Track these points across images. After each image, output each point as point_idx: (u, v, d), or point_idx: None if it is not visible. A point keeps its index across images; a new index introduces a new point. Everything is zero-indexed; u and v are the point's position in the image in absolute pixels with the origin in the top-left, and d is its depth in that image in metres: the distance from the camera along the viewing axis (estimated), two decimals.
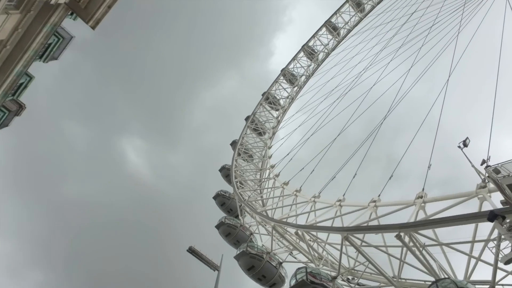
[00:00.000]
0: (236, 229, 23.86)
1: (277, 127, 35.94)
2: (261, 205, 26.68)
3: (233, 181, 27.39)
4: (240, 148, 32.24)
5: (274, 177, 27.17)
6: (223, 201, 28.32)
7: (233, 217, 25.66)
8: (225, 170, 32.58)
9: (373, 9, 38.04)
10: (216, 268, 40.44)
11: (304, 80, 40.16)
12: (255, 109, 37.84)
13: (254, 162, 32.67)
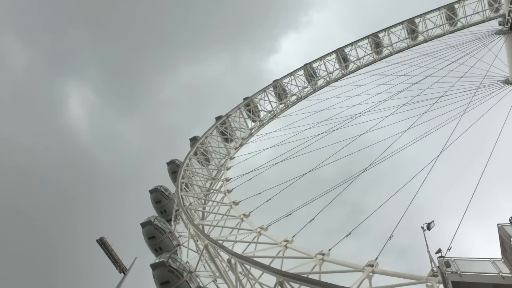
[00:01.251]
0: (164, 234, 23.31)
1: (247, 139, 36.08)
2: (199, 218, 26.35)
3: (179, 180, 26.90)
4: (199, 147, 31.90)
5: (225, 192, 27.00)
6: (159, 198, 27.67)
7: (165, 220, 25.10)
8: (173, 165, 32.03)
9: (390, 56, 40.04)
10: (123, 271, 38.85)
11: (294, 100, 40.93)
12: (231, 111, 37.83)
13: (209, 168, 32.41)
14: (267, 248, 20.44)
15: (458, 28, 39.18)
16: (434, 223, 22.04)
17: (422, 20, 40.01)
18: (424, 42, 39.58)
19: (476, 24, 37.93)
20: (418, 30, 40.21)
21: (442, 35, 39.13)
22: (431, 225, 21.98)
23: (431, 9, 39.95)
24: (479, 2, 38.75)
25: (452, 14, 39.19)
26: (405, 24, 40.31)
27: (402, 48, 40.65)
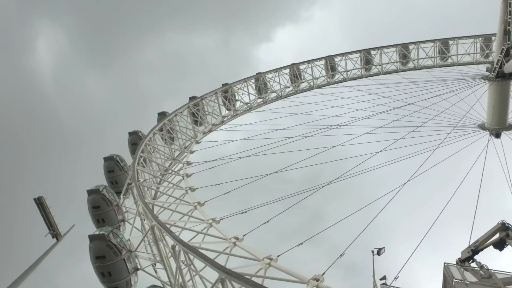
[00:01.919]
0: (110, 206, 22.52)
1: (218, 126, 35.61)
2: (151, 196, 25.69)
3: (138, 154, 26.08)
4: (166, 124, 31.09)
5: (184, 176, 26.47)
6: (113, 168, 26.72)
7: (114, 192, 24.25)
8: (135, 136, 31.09)
9: (377, 76, 40.90)
10: (57, 236, 37.20)
11: (273, 98, 40.88)
12: (207, 94, 37.18)
13: (171, 148, 31.69)
14: (215, 242, 20.19)
15: (448, 64, 40.74)
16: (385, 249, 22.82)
17: (416, 47, 41.20)
18: (413, 70, 40.80)
19: (465, 65, 39.60)
20: (409, 56, 41.38)
21: (432, 67, 40.51)
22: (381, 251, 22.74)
23: (427, 40, 41.23)
24: (472, 44, 40.48)
25: (445, 48, 40.67)
26: (399, 48, 41.34)
27: (390, 70, 41.67)
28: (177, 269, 18.10)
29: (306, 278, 16.85)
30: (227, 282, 15.34)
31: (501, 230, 17.31)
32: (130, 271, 19.23)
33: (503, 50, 29.03)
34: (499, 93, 29.51)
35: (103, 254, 18.56)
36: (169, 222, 21.16)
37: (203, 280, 17.11)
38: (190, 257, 17.38)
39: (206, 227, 21.27)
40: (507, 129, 28.77)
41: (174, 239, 17.82)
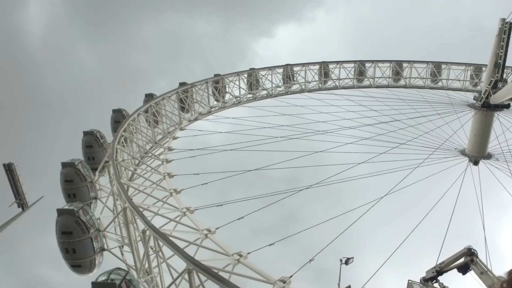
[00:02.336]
0: (83, 182, 21.94)
1: (205, 115, 35.24)
2: (127, 177, 25.19)
3: (120, 132, 25.50)
4: (153, 106, 30.54)
5: (164, 161, 26.06)
6: (92, 143, 26.08)
7: (90, 168, 23.65)
8: (119, 114, 30.44)
9: (368, 88, 41.33)
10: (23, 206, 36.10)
11: (263, 95, 40.78)
12: (198, 82, 36.74)
13: (154, 131, 31.16)
14: (187, 232, 19.99)
15: (437, 86, 41.56)
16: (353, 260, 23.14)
17: (410, 66, 41.83)
18: (404, 87, 41.42)
19: (454, 90, 40.49)
20: (402, 74, 41.98)
21: (422, 88, 41.23)
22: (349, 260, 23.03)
23: (421, 60, 41.93)
24: (463, 72, 41.42)
25: (437, 71, 41.45)
26: (393, 64, 41.86)
27: (382, 84, 42.18)
28: (145, 255, 17.80)
29: (273, 278, 16.84)
30: (194, 274, 15.17)
31: (466, 255, 17.82)
32: (96, 251, 18.79)
33: (492, 82, 29.77)
34: (482, 122, 30.24)
35: (70, 230, 18.06)
36: (143, 205, 20.77)
37: (170, 269, 16.85)
38: (159, 243, 17.09)
39: (180, 215, 20.98)
40: (486, 158, 29.55)
41: (145, 223, 17.49)
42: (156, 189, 23.21)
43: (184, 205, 21.60)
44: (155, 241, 17.09)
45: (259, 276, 17.12)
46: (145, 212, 19.70)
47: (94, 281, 14.15)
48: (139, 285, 15.26)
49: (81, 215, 18.32)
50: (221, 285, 15.23)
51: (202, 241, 19.19)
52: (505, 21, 29.64)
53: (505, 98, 28.81)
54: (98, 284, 13.96)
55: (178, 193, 22.69)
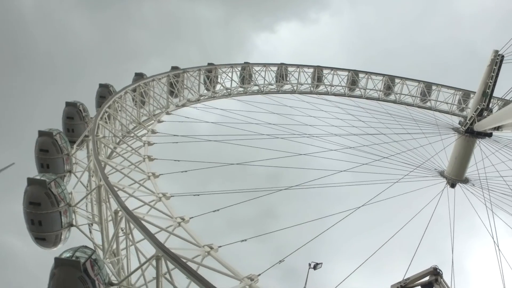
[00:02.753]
0: (60, 153, 21.20)
1: (193, 103, 34.74)
2: (105, 155, 24.56)
3: (104, 108, 24.82)
4: (142, 86, 29.86)
5: (146, 143, 25.53)
6: (73, 115, 25.25)
7: (68, 139, 22.89)
8: (105, 89, 29.66)
9: (358, 98, 41.65)
10: None
11: (254, 91, 40.55)
12: (190, 68, 36.21)
13: (140, 111, 30.50)
14: (160, 218, 19.61)
15: (425, 106, 42.21)
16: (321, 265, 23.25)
17: (402, 82, 42.33)
18: (393, 102, 41.89)
19: (441, 112, 41.23)
20: (393, 89, 42.43)
21: (410, 105, 41.80)
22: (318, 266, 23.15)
23: (413, 78, 42.50)
24: (452, 95, 42.20)
25: (427, 91, 42.08)
26: (386, 78, 42.26)
27: (372, 97, 42.55)
28: (114, 236, 17.33)
29: (241, 275, 16.69)
30: (162, 261, 14.83)
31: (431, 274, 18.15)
32: (64, 225, 18.18)
33: (478, 109, 30.35)
34: (464, 147, 30.81)
35: (38, 201, 17.38)
36: (118, 185, 20.26)
37: (138, 253, 16.44)
38: (130, 226, 16.63)
39: (155, 200, 20.59)
40: (463, 182, 30.15)
41: (119, 204, 17.00)
42: (134, 170, 22.68)
43: (160, 191, 21.22)
44: (127, 223, 16.64)
45: (228, 271, 16.95)
46: (120, 193, 19.18)
47: (58, 257, 13.63)
48: (104, 266, 14.80)
49: (53, 187, 17.65)
50: (188, 275, 14.95)
51: (174, 228, 18.86)
52: (497, 53, 30.34)
53: (489, 127, 29.42)
54: (62, 260, 13.45)
55: (156, 177, 22.26)
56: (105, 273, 14.63)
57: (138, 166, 22.94)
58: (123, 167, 22.42)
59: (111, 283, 15.16)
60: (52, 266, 13.50)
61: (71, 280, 13.34)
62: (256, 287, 16.37)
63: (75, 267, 13.37)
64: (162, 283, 15.04)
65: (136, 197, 19.93)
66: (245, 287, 16.12)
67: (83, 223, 19.51)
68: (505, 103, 36.78)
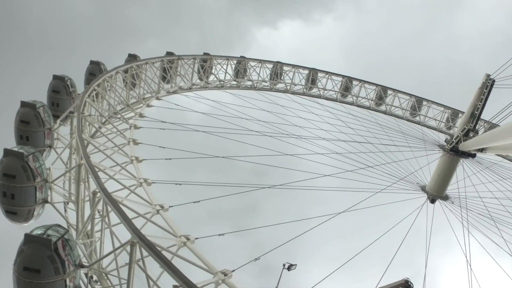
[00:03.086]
0: (41, 127, 20.52)
1: (184, 91, 34.23)
2: (89, 133, 23.92)
3: (93, 86, 24.15)
4: (134, 68, 29.22)
5: (132, 126, 24.98)
6: (60, 89, 24.53)
7: (52, 114, 22.20)
8: (96, 67, 28.92)
9: (350, 105, 41.80)
10: None
11: (247, 86, 40.25)
12: (186, 55, 35.68)
13: (130, 93, 29.85)
14: (139, 203, 19.21)
15: (414, 120, 42.66)
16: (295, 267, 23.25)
17: (394, 94, 42.64)
18: (383, 113, 42.20)
19: (429, 128, 41.75)
20: (385, 100, 42.73)
21: (400, 117, 42.17)
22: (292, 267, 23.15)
23: (405, 91, 42.89)
24: (441, 113, 42.77)
25: (418, 106, 42.53)
26: (379, 88, 42.51)
27: (363, 105, 42.75)
28: (90, 217, 16.87)
29: (215, 269, 16.50)
30: (137, 247, 14.49)
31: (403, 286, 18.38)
32: (38, 201, 17.60)
33: (465, 129, 30.81)
34: (447, 165, 31.23)
35: (13, 174, 16.75)
36: (99, 166, 19.75)
37: (113, 237, 16.05)
38: (108, 208, 16.22)
39: (135, 185, 20.15)
40: (443, 198, 30.59)
41: (98, 185, 16.54)
42: (117, 152, 22.16)
43: (142, 176, 20.78)
44: (104, 205, 16.22)
45: (202, 264, 16.73)
46: (100, 174, 18.67)
47: (28, 233, 13.15)
48: (76, 247, 14.37)
49: (30, 161, 17.04)
50: (162, 264, 14.66)
51: (152, 216, 18.50)
52: (489, 77, 30.85)
53: (473, 148, 29.87)
54: (32, 237, 12.98)
55: (139, 162, 21.79)
56: (76, 254, 14.22)
57: (122, 148, 22.42)
58: (106, 148, 21.86)
59: (82, 265, 14.75)
60: (21, 242, 13.02)
61: (40, 259, 12.91)
62: (230, 282, 16.19)
63: (45, 245, 12.93)
64: (134, 270, 14.71)
65: (117, 179, 19.44)
66: (218, 281, 15.91)
67: (59, 201, 18.93)
68: (491, 126, 37.49)
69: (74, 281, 14.13)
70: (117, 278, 16.08)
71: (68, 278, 13.64)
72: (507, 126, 24.78)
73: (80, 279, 14.90)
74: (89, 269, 15.41)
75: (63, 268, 13.29)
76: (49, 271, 12.96)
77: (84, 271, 15.35)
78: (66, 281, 13.57)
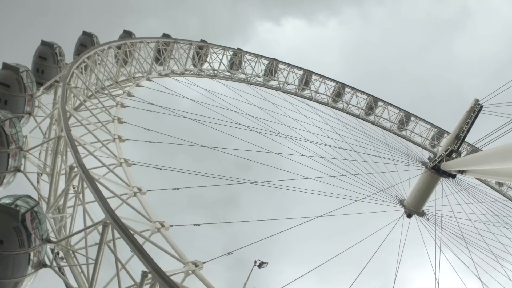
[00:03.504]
0: (22, 92, 19.62)
1: (176, 75, 33.54)
2: (73, 105, 23.09)
3: (84, 57, 23.31)
4: (128, 45, 28.41)
5: (119, 104, 24.27)
6: (47, 56, 23.60)
7: (36, 81, 21.29)
8: (88, 38, 27.99)
9: (339, 111, 41.88)
10: None
11: (240, 79, 39.83)
12: (182, 40, 34.95)
13: (120, 70, 29.02)
14: (116, 184, 18.64)
15: (400, 134, 43.10)
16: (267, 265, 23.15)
17: (384, 106, 42.95)
18: (371, 123, 42.48)
19: (414, 143, 42.27)
20: (374, 111, 42.99)
21: (387, 130, 42.53)
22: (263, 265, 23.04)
23: (396, 105, 43.29)
24: (427, 130, 43.35)
25: (406, 120, 42.98)
26: (370, 98, 42.73)
27: (353, 112, 42.93)
28: (64, 192, 16.22)
29: (187, 259, 16.18)
30: (110, 228, 13.98)
31: None
32: (9, 168, 16.80)
33: (448, 150, 31.26)
34: (427, 182, 31.63)
35: None
36: (80, 140, 19.06)
37: (86, 215, 15.48)
38: (84, 185, 15.61)
39: (115, 164, 19.55)
40: (419, 214, 30.99)
41: (76, 160, 15.88)
42: (100, 129, 21.46)
43: (123, 156, 20.18)
44: (80, 181, 15.60)
45: (174, 252, 16.36)
46: (80, 148, 17.96)
47: None
48: (46, 221, 13.76)
49: (6, 126, 16.21)
50: (133, 248, 14.17)
51: (129, 197, 18.00)
52: (477, 102, 31.38)
53: (454, 169, 30.31)
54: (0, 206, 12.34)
55: (122, 141, 21.19)
56: (44, 228, 13.62)
57: (106, 125, 21.74)
58: (89, 123, 21.12)
59: (49, 240, 14.15)
60: None
61: (5, 229, 12.27)
62: (199, 274, 15.90)
63: (12, 215, 12.29)
64: (104, 251, 14.21)
65: (96, 156, 18.80)
66: (188, 271, 15.60)
67: (32, 171, 18.16)
68: (473, 150, 38.17)
69: (38, 256, 13.53)
70: (84, 257, 15.55)
71: (33, 252, 13.05)
72: (488, 152, 25.18)
73: (46, 255, 14.29)
74: (56, 245, 14.81)
75: (29, 242, 12.69)
76: (13, 243, 12.34)
77: (51, 246, 14.75)
78: (30, 255, 12.97)
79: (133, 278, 13.79)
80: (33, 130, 19.64)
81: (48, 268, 14.31)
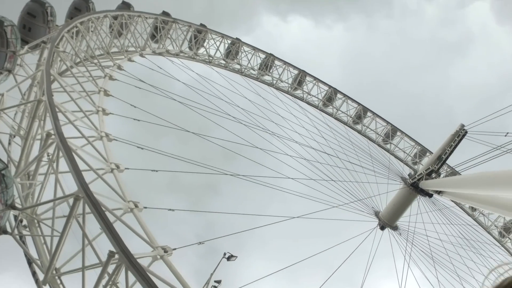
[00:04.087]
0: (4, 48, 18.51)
1: (171, 55, 32.64)
2: (58, 70, 22.06)
3: (76, 22, 22.26)
4: (125, 17, 27.36)
5: (107, 76, 23.34)
6: (37, 14, 22.44)
7: (21, 38, 20.16)
8: (83, 3, 26.88)
9: (329, 116, 41.81)
10: None
11: (234, 69, 39.18)
12: (181, 21, 34.04)
13: (114, 41, 27.97)
14: (93, 157, 17.85)
15: (385, 147, 43.40)
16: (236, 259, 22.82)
17: (372, 117, 43.11)
18: (358, 132, 42.60)
19: (396, 158, 42.62)
20: (363, 120, 43.11)
21: (372, 141, 42.72)
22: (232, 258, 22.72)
23: (384, 118, 43.50)
24: (411, 147, 43.80)
25: (392, 134, 43.28)
26: (360, 108, 42.81)
27: (341, 119, 42.91)
28: (37, 158, 15.40)
29: (157, 243, 15.66)
30: (81, 203, 13.33)
31: None
32: None
33: (429, 169, 31.58)
34: (404, 198, 31.91)
35: None
36: (60, 107, 18.15)
37: (57, 186, 14.73)
38: (59, 154, 14.84)
39: (95, 137, 18.75)
40: (393, 228, 31.27)
41: (55, 127, 15.08)
42: (84, 98, 20.54)
43: (105, 130, 19.39)
44: (56, 149, 14.82)
45: (144, 235, 15.81)
46: (59, 115, 17.12)
47: None
48: (13, 186, 12.99)
49: None
50: (102, 225, 13.57)
51: (105, 173, 17.28)
52: (463, 127, 31.80)
53: (432, 188, 30.64)
54: None
55: (106, 114, 20.36)
56: (10, 194, 12.86)
57: (91, 96, 20.83)
58: (73, 91, 20.17)
59: (14, 206, 13.39)
60: None
61: None
62: (167, 260, 15.42)
63: None
64: (71, 225, 13.55)
65: (76, 126, 17.96)
66: (156, 256, 15.10)
67: (4, 132, 17.20)
68: (452, 172, 38.78)
69: (0, 221, 12.78)
70: (49, 228, 14.83)
71: None
72: (466, 177, 25.57)
73: (8, 221, 13.52)
74: (20, 212, 14.04)
75: None
76: None
77: (15, 213, 13.98)
78: None
79: (99, 256, 13.22)
80: (12, 89, 18.60)
81: (8, 235, 13.56)
